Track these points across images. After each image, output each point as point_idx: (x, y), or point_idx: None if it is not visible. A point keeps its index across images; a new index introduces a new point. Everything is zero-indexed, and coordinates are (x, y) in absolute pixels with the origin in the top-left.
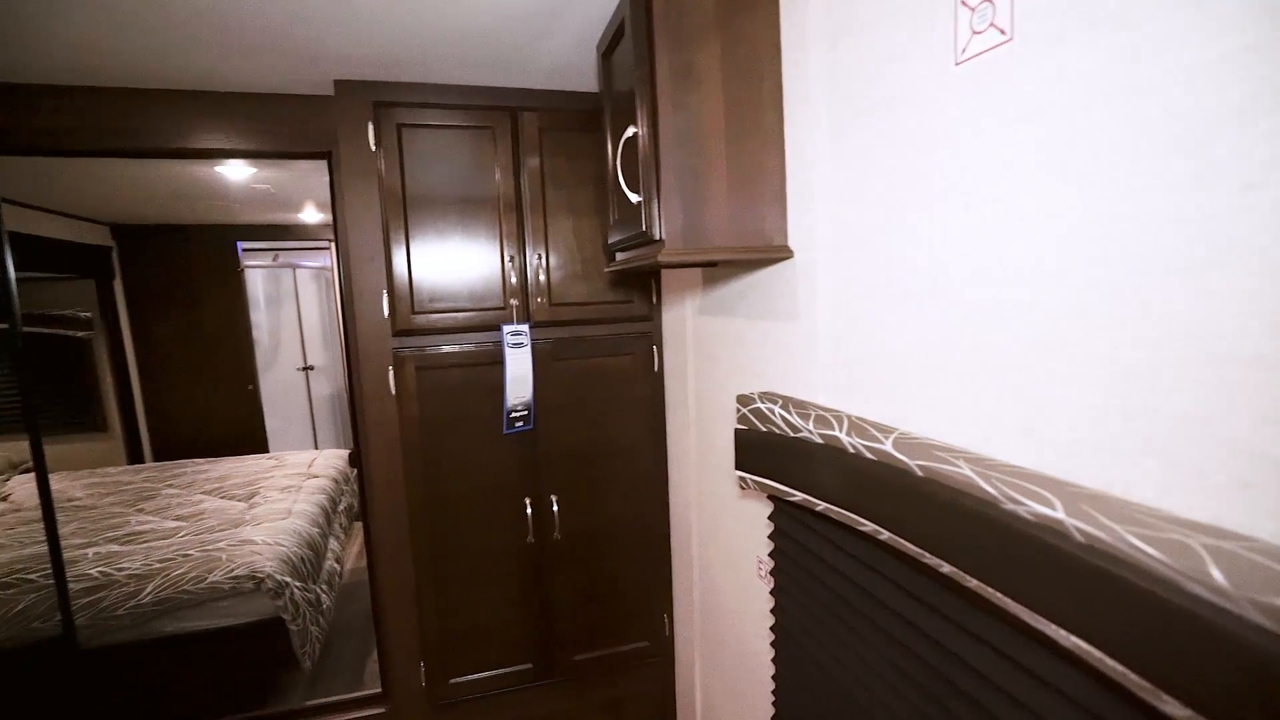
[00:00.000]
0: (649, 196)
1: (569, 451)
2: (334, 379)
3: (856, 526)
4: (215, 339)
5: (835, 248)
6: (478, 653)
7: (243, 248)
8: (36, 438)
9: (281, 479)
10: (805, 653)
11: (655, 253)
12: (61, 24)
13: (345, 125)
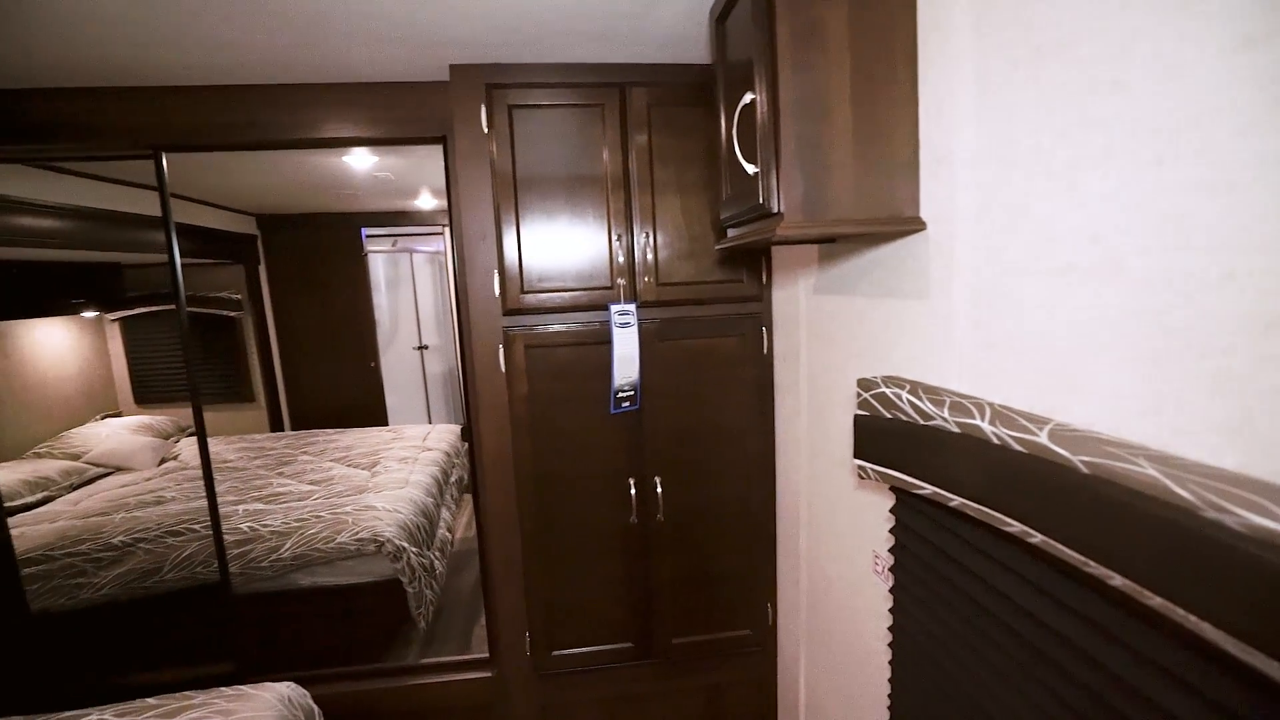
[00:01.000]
0: (767, 167)
1: (674, 433)
2: (446, 358)
3: (1000, 526)
4: (342, 319)
5: (977, 218)
6: (580, 627)
7: (366, 234)
8: (198, 405)
9: (400, 450)
10: (929, 657)
11: (773, 227)
12: (226, 26)
13: (459, 109)
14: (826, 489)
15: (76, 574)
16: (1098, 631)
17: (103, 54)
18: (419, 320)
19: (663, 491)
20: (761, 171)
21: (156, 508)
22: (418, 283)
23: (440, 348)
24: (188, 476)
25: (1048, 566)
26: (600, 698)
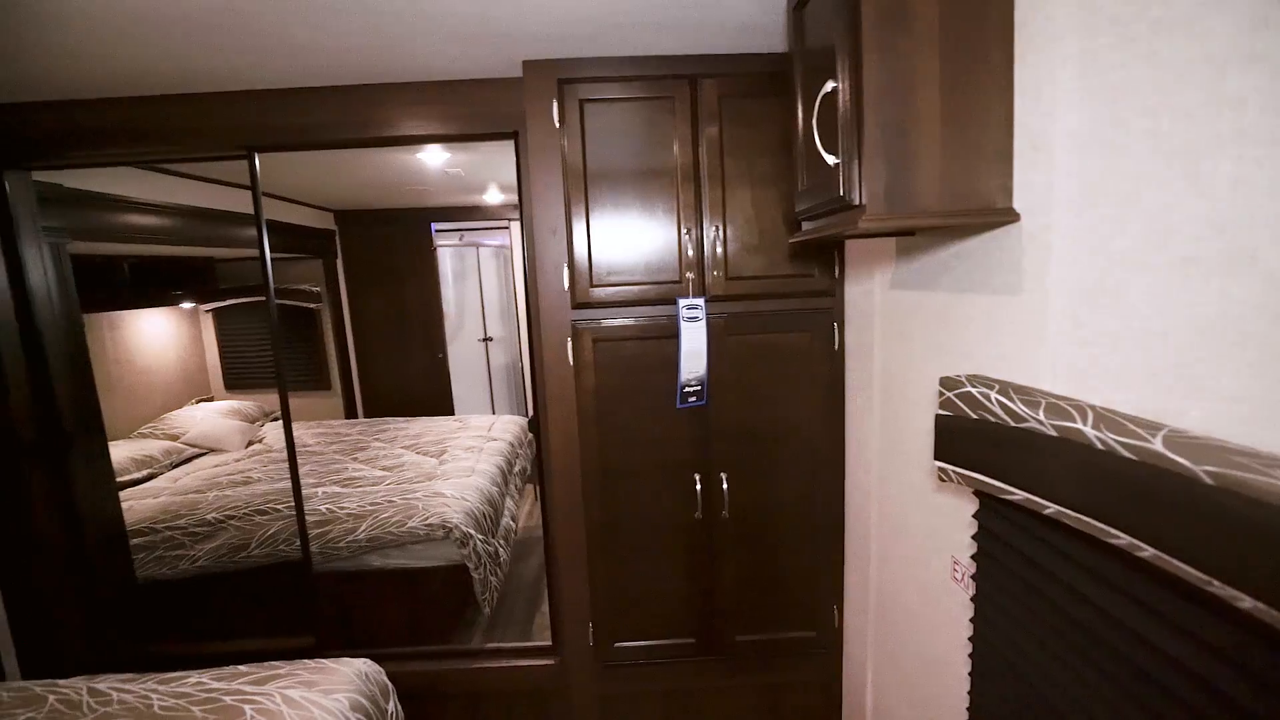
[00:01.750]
0: (848, 158)
1: (740, 429)
2: (509, 350)
3: (1103, 538)
4: (413, 311)
5: (1078, 208)
6: (642, 621)
7: (435, 228)
8: (284, 393)
9: (466, 439)
10: (1014, 670)
11: (853, 220)
12: (316, 32)
13: (531, 105)
14: (900, 490)
15: (176, 546)
16: (1219, 657)
17: (205, 63)
18: (484, 313)
19: (728, 488)
20: (842, 162)
21: (245, 487)
22: (483, 276)
23: (504, 340)
24: (272, 459)
25: (1159, 584)
26: (661, 691)
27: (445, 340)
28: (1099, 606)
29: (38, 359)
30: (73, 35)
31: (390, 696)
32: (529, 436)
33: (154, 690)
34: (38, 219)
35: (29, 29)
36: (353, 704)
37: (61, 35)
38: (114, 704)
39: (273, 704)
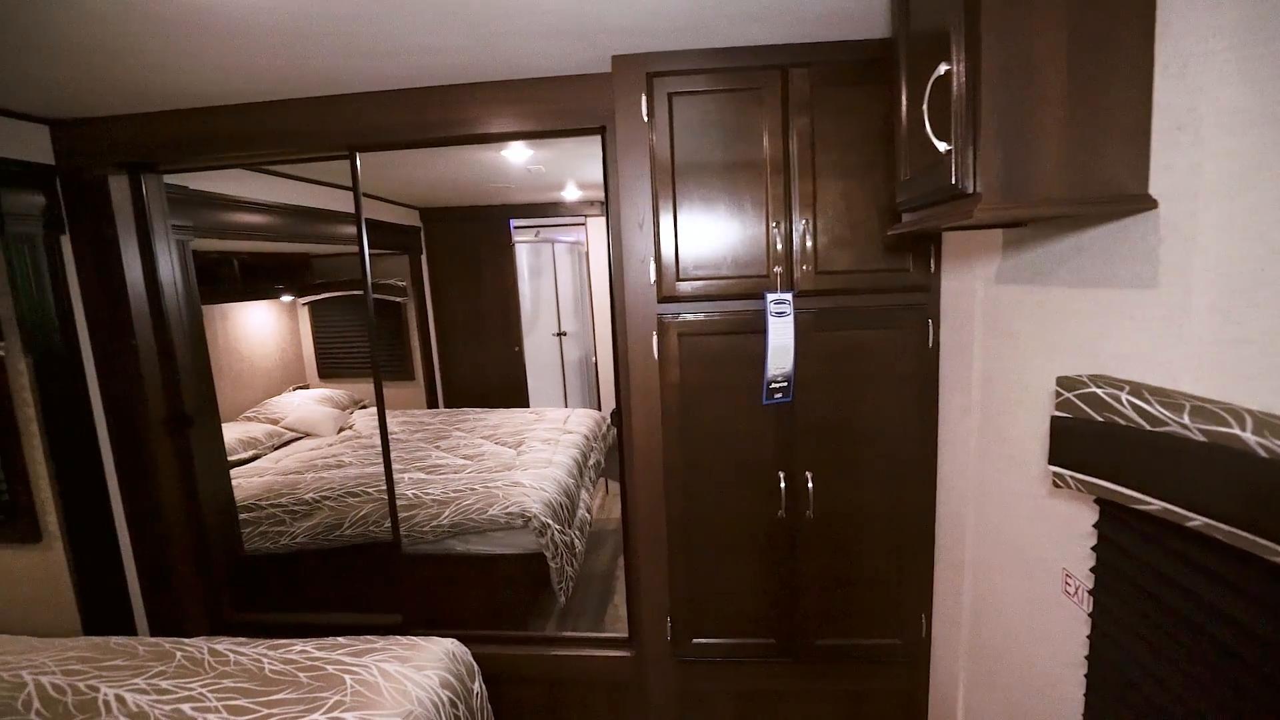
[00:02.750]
0: (962, 144)
1: (827, 427)
2: (582, 345)
3: (1268, 557)
4: (491, 305)
5: (1232, 192)
6: (721, 618)
7: (514, 225)
8: (379, 382)
9: (542, 431)
10: (1143, 697)
11: (966, 210)
12: (434, 36)
13: (621, 99)
14: (1001, 496)
15: (277, 523)
16: None
17: (316, 69)
18: (559, 307)
19: (814, 487)
20: (955, 149)
21: (338, 470)
22: (558, 272)
23: (577, 334)
24: (362, 444)
25: None
26: (738, 690)
27: (522, 334)
28: (1250, 631)
29: (165, 346)
30: (197, 47)
31: (476, 676)
32: (603, 430)
33: (265, 655)
34: (167, 218)
35: (159, 44)
36: (442, 681)
37: (189, 47)
38: (230, 664)
39: (370, 676)
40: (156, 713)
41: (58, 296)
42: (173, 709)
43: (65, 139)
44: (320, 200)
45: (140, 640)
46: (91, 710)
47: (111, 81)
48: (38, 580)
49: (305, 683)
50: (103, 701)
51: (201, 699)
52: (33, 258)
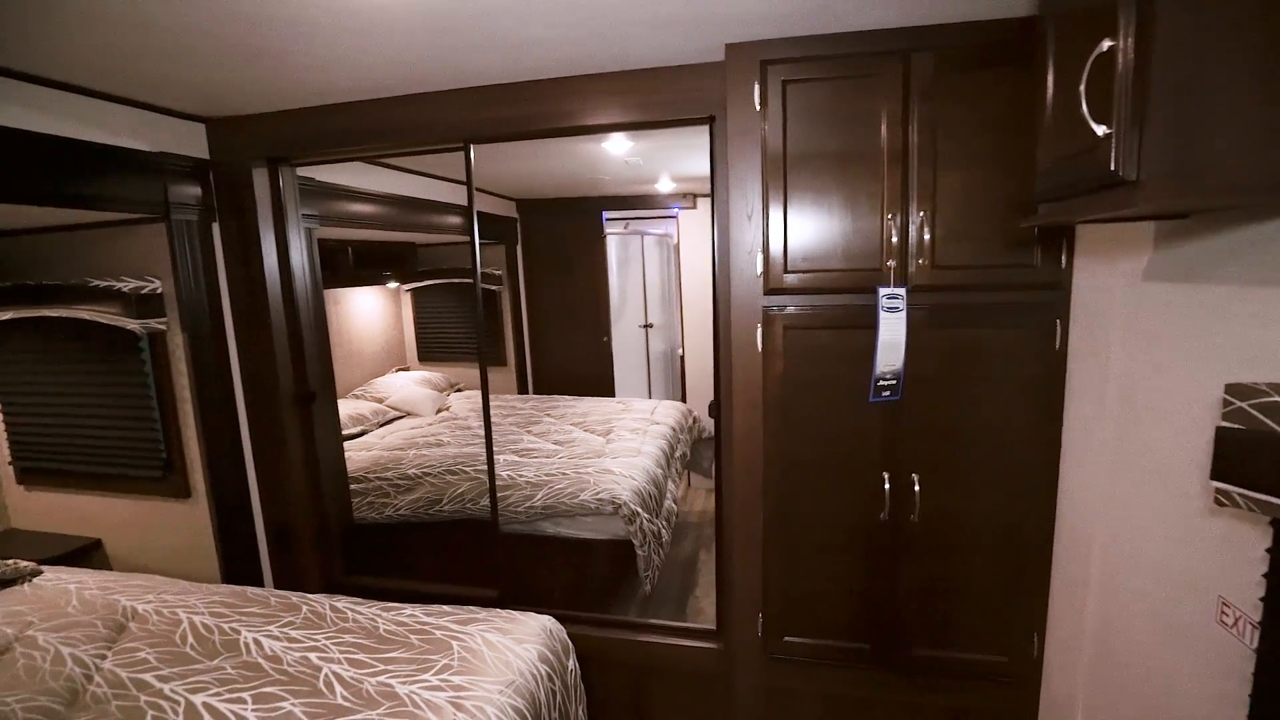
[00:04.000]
0: (1126, 127)
1: (936, 429)
2: (668, 337)
3: None
4: (581, 296)
5: None
6: (814, 618)
7: (606, 216)
8: (484, 368)
9: (630, 421)
10: None
11: (1125, 199)
12: (552, 29)
13: (733, 88)
14: (1139, 512)
15: (383, 495)
16: None
17: (435, 64)
18: (646, 300)
19: (920, 491)
20: (1116, 133)
21: (437, 449)
22: (646, 264)
23: (663, 327)
24: (459, 425)
25: None
26: (827, 694)
27: (610, 325)
28: None
29: (294, 327)
30: (338, 47)
31: (570, 654)
32: (688, 422)
33: (379, 615)
34: (299, 208)
35: (304, 45)
36: (540, 655)
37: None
38: (349, 621)
39: (475, 644)
40: (288, 658)
41: (208, 279)
42: (301, 656)
43: (217, 135)
44: (425, 191)
45: (271, 592)
46: (235, 649)
47: (259, 82)
48: (187, 531)
49: (416, 644)
50: (244, 642)
51: (325, 650)
52: (190, 243)
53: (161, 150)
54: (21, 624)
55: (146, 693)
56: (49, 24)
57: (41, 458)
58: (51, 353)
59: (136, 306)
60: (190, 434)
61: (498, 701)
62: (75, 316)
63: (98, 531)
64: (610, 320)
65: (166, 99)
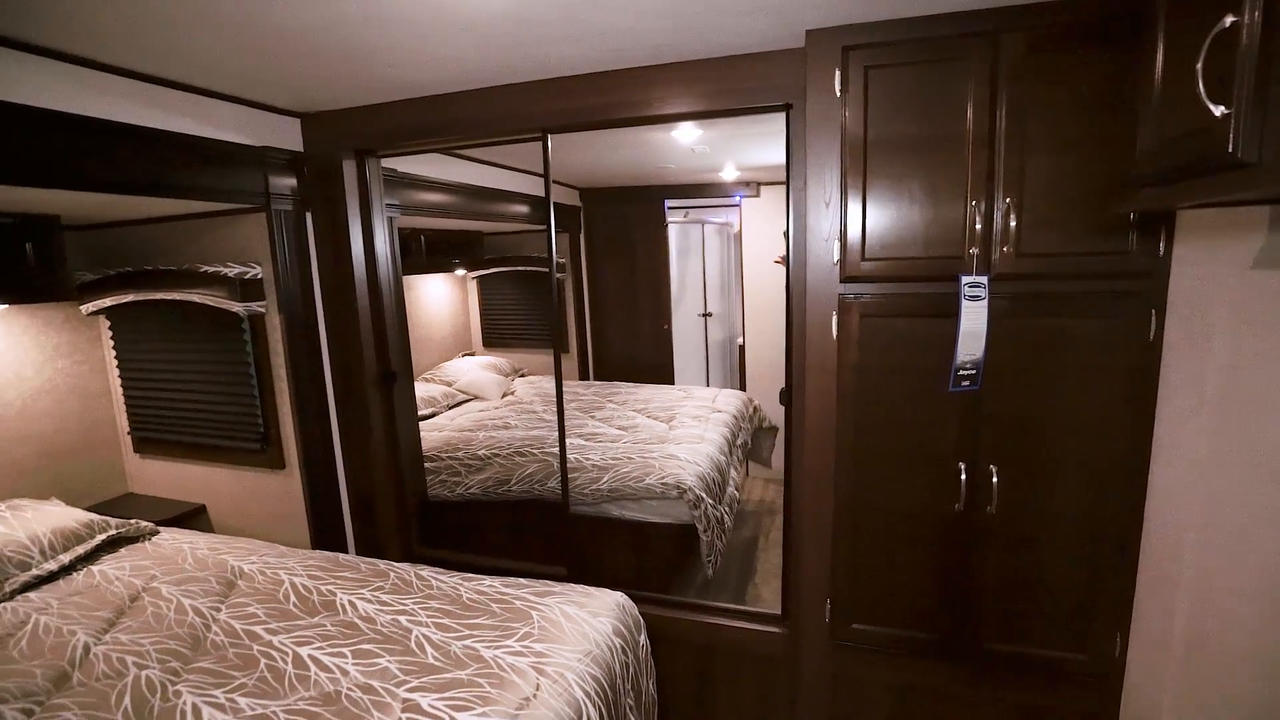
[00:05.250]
0: (1247, 106)
1: (1016, 420)
2: (726, 326)
3: None
4: (642, 284)
5: None
6: (883, 607)
7: (668, 205)
8: (559, 354)
9: (692, 409)
10: None
11: (1244, 182)
12: (639, 20)
13: (813, 74)
14: (1244, 510)
15: (454, 474)
16: None
17: (515, 57)
18: (705, 288)
19: (998, 482)
20: (1235, 112)
21: (505, 431)
22: (706, 253)
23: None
24: (524, 409)
25: None
26: (895, 683)
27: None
28: None
29: (378, 312)
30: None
31: (642, 630)
32: (749, 411)
33: (461, 584)
34: (383, 198)
35: (395, 41)
36: (614, 629)
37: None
38: (433, 588)
39: (553, 615)
40: (381, 619)
41: (301, 265)
42: (392, 619)
43: (311, 130)
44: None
45: (361, 559)
46: (333, 609)
47: (352, 79)
48: (281, 500)
49: (498, 613)
50: (340, 603)
51: (414, 614)
52: (286, 231)
53: (264, 145)
54: (147, 576)
55: (258, 643)
56: (166, 27)
57: (154, 429)
58: (164, 332)
59: (240, 290)
60: (285, 410)
61: (577, 669)
62: (186, 299)
63: (202, 497)
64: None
65: (268, 96)
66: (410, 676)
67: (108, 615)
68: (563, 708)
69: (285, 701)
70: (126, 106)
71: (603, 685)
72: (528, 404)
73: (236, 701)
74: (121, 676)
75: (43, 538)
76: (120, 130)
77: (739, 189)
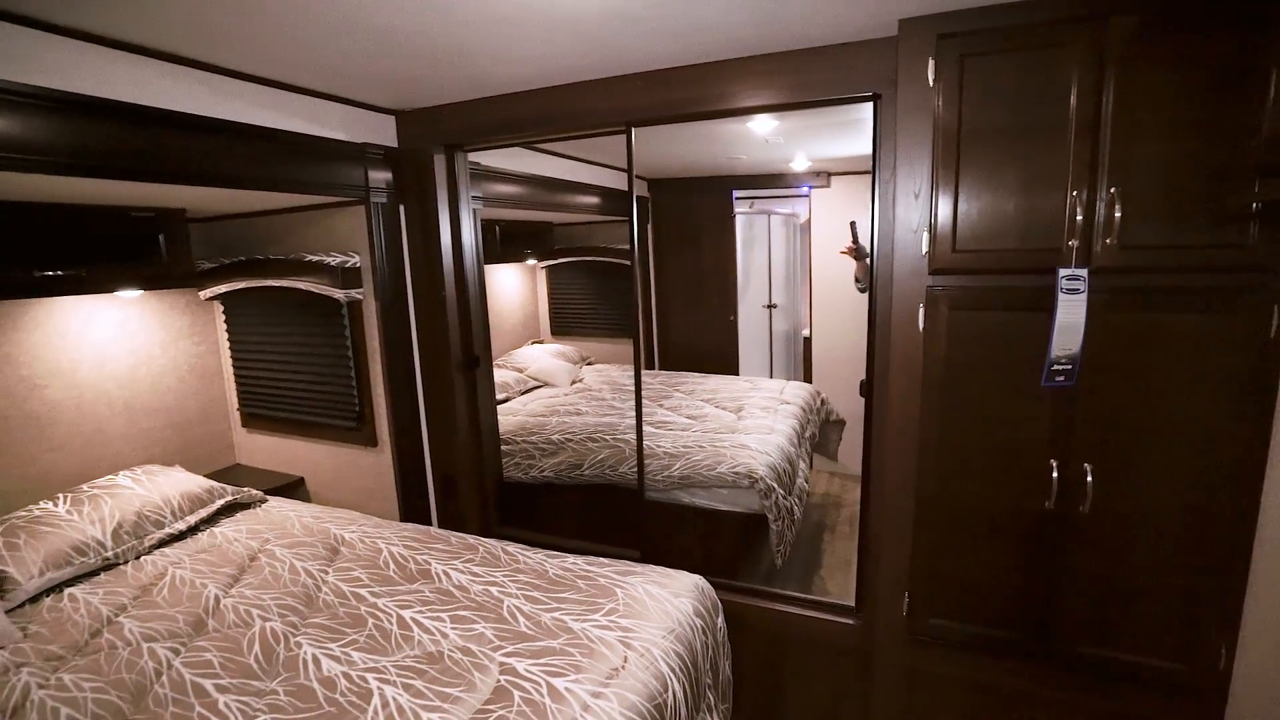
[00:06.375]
0: None
1: (1114, 417)
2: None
3: None
4: (709, 274)
5: None
6: (966, 603)
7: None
8: (639, 345)
9: (760, 399)
10: None
11: None
12: (712, 13)
13: (905, 64)
14: None
15: (528, 457)
16: None
17: (602, 51)
18: (770, 279)
19: (1093, 481)
20: None
21: (577, 418)
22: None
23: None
24: (594, 396)
25: None
26: (972, 680)
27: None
28: None
29: (463, 299)
30: (524, 41)
31: (719, 612)
32: (816, 403)
33: (546, 560)
34: (470, 190)
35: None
36: (695, 610)
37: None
38: (520, 563)
39: (637, 593)
40: (474, 589)
41: (395, 254)
42: (483, 589)
43: (405, 126)
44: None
45: (451, 533)
46: (429, 578)
47: (445, 78)
48: (373, 475)
49: (583, 588)
50: (435, 572)
51: (504, 586)
52: (383, 222)
53: (364, 141)
54: (262, 539)
55: (364, 604)
56: (287, 35)
57: (260, 406)
58: (271, 316)
59: (341, 278)
60: (379, 391)
61: (662, 645)
62: (293, 286)
63: (301, 470)
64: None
65: (369, 96)
66: (505, 643)
67: (232, 572)
68: (650, 680)
69: (394, 658)
70: (249, 109)
71: (685, 662)
72: (596, 391)
73: (350, 655)
74: (249, 626)
75: (173, 500)
76: (243, 130)
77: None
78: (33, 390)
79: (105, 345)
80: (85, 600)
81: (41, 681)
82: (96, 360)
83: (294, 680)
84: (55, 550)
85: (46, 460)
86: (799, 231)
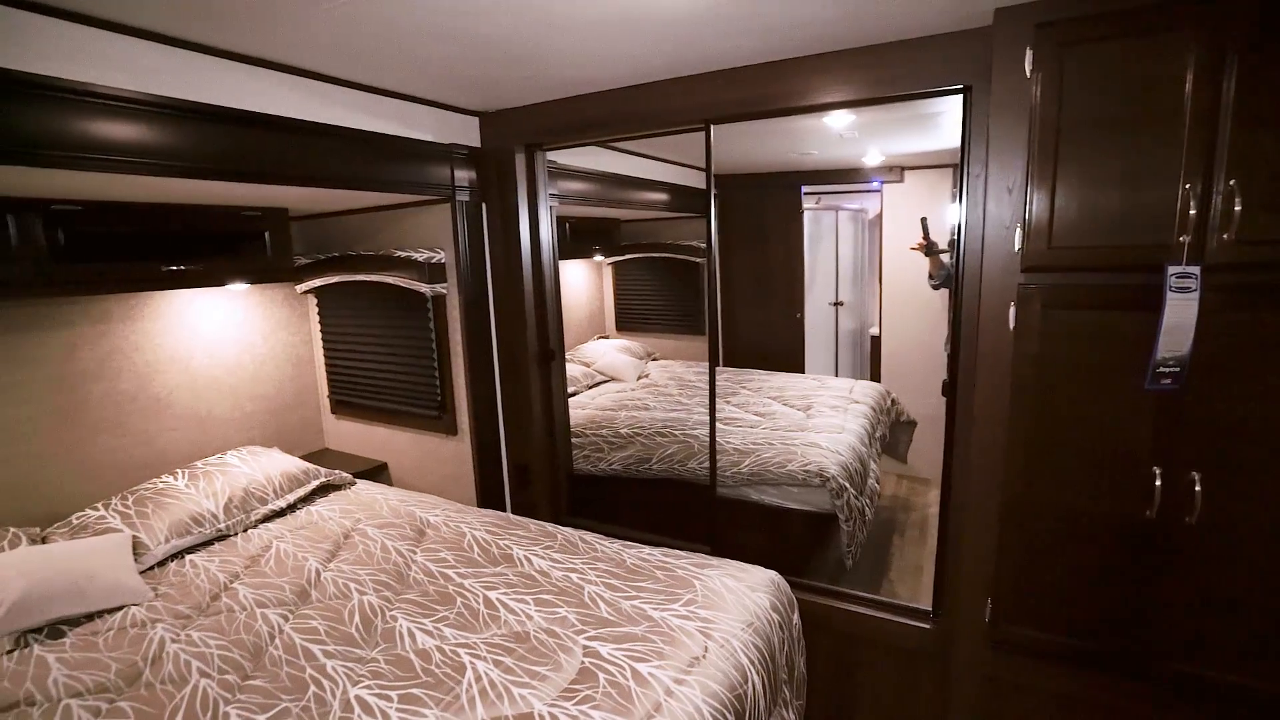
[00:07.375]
0: None
1: (1227, 424)
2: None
3: None
4: (776, 271)
5: None
6: (1053, 612)
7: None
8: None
9: (829, 398)
10: None
11: None
12: (797, 10)
13: (1000, 55)
14: None
15: (597, 450)
16: None
17: (687, 48)
18: (838, 276)
19: (1201, 491)
20: None
21: (645, 412)
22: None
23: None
24: (660, 392)
25: None
26: (1059, 693)
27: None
28: None
29: (540, 295)
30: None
31: (794, 609)
32: (887, 403)
33: (623, 550)
34: (548, 188)
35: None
36: (771, 604)
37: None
38: (598, 551)
39: (714, 585)
40: (555, 574)
41: (477, 250)
42: (564, 574)
43: (487, 127)
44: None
45: (530, 520)
46: (511, 562)
47: (528, 80)
48: (453, 462)
49: (661, 579)
50: (517, 557)
51: (583, 572)
52: (467, 219)
53: (450, 142)
54: (354, 519)
55: (452, 584)
56: (376, 39)
57: (348, 393)
58: (361, 309)
59: (427, 273)
60: (460, 382)
61: (741, 637)
62: (381, 280)
63: (384, 456)
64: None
65: (455, 99)
66: (587, 627)
67: (328, 548)
68: (730, 670)
69: (483, 635)
70: (348, 114)
71: (763, 655)
72: (663, 387)
73: (442, 631)
74: (348, 598)
75: (275, 479)
76: (343, 134)
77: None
78: (155, 375)
79: (214, 334)
80: (204, 566)
81: (174, 636)
82: (207, 349)
83: (392, 650)
84: (177, 520)
85: (166, 439)
86: (867, 227)
